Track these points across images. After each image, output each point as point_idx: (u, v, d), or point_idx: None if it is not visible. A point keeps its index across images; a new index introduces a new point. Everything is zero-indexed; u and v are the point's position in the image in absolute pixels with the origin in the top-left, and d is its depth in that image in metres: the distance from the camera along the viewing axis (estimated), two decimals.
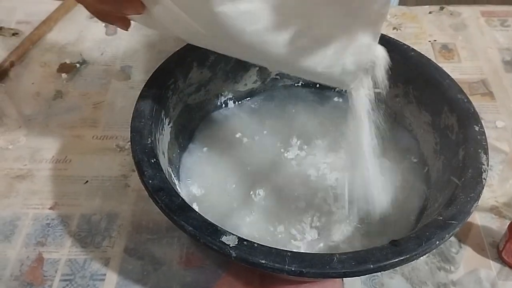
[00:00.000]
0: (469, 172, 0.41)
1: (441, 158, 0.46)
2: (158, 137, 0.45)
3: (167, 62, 0.49)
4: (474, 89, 0.63)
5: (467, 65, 0.65)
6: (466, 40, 0.68)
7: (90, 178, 0.52)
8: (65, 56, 0.64)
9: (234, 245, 0.36)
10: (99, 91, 0.61)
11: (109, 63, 0.64)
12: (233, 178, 0.50)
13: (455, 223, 0.37)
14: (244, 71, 0.55)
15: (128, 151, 0.54)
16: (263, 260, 0.35)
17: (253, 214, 0.47)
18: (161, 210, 0.38)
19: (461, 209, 0.38)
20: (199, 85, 0.52)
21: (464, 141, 0.44)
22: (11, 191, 0.51)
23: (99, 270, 0.45)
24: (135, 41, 0.67)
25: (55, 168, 0.53)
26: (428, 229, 0.37)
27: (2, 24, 0.68)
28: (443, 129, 0.47)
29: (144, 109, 0.44)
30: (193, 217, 0.37)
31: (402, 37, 0.68)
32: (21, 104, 0.59)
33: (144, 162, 0.40)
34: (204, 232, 0.36)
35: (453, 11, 0.73)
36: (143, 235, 0.48)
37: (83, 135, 0.56)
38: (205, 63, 0.51)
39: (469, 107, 0.46)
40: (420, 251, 0.36)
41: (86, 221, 0.49)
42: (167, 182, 0.40)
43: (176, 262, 0.46)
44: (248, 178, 0.50)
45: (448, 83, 0.48)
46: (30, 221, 0.48)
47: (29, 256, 0.46)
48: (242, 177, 0.50)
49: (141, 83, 0.60)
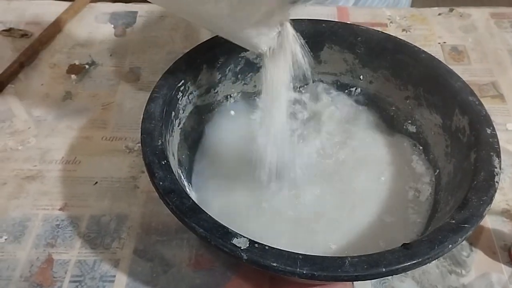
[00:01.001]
0: (481, 175, 0.41)
1: (452, 161, 0.46)
2: (168, 138, 0.45)
3: (177, 64, 0.49)
4: (484, 91, 0.62)
5: (477, 67, 0.65)
6: (476, 42, 0.68)
7: (99, 179, 0.52)
8: (74, 57, 0.64)
9: (245, 248, 0.35)
10: (108, 92, 0.61)
11: (118, 64, 0.64)
12: (242, 179, 0.50)
13: (468, 226, 0.37)
14: (254, 72, 0.55)
15: (137, 153, 0.54)
16: (274, 263, 0.35)
17: (263, 214, 0.46)
18: (172, 212, 0.38)
19: (473, 213, 0.38)
20: (208, 86, 0.52)
21: (476, 143, 0.43)
22: (21, 192, 0.51)
23: (109, 272, 0.45)
24: (144, 42, 0.67)
25: (64, 169, 0.53)
26: (441, 232, 0.37)
27: (11, 25, 0.68)
28: (454, 132, 0.47)
29: (154, 111, 0.44)
30: (203, 219, 0.37)
31: (411, 39, 0.67)
32: (30, 105, 0.59)
33: (154, 164, 0.40)
34: (215, 234, 0.36)
35: (463, 13, 0.72)
36: (153, 237, 0.47)
37: (92, 136, 0.56)
38: (214, 65, 0.51)
39: (481, 110, 0.46)
40: (432, 254, 0.36)
41: (95, 222, 0.49)
42: (177, 184, 0.40)
43: (185, 264, 0.46)
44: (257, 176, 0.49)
45: (459, 85, 0.48)
46: (40, 222, 0.49)
47: (39, 257, 0.46)
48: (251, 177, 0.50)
49: (150, 84, 0.61)
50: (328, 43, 0.54)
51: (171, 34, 0.68)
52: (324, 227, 0.46)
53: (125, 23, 0.69)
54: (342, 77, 0.56)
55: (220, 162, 0.51)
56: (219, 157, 0.51)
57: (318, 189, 0.48)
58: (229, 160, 0.51)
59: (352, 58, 0.54)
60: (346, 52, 0.54)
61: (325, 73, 0.56)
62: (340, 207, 0.47)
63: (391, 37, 0.53)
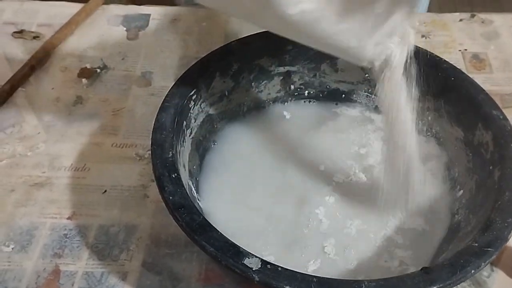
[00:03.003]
0: (506, 195, 0.39)
1: (474, 178, 0.44)
2: (179, 149, 0.43)
3: (190, 71, 0.47)
4: (507, 101, 0.60)
5: (499, 76, 0.63)
6: (498, 50, 0.66)
7: (108, 187, 0.51)
8: (86, 60, 0.63)
9: (257, 269, 0.34)
10: (119, 97, 0.59)
11: (129, 68, 0.63)
12: (255, 190, 0.48)
13: (491, 250, 0.35)
14: (268, 80, 0.53)
15: (147, 160, 0.53)
16: (287, 286, 0.33)
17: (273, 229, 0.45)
18: (181, 228, 0.37)
19: (498, 235, 0.36)
20: (221, 94, 0.50)
21: (500, 160, 0.41)
22: (29, 199, 0.50)
23: (116, 285, 0.44)
24: (156, 46, 0.65)
25: (73, 176, 0.52)
26: (463, 256, 0.35)
27: (23, 27, 0.67)
28: (476, 147, 0.45)
29: (165, 121, 0.43)
30: (214, 237, 0.36)
31: (431, 45, 0.65)
32: (40, 110, 0.58)
33: (165, 177, 0.39)
34: (226, 253, 0.35)
35: (485, 19, 0.70)
36: (162, 249, 0.46)
37: (102, 143, 0.55)
38: (228, 72, 0.50)
39: (505, 124, 0.44)
40: (454, 280, 0.34)
41: (104, 232, 0.48)
42: (188, 199, 0.38)
43: (195, 279, 0.44)
44: (270, 188, 0.48)
45: (482, 98, 0.46)
46: (48, 231, 0.48)
47: (45, 268, 0.45)
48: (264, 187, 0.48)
49: (161, 89, 0.60)
50: None
51: (185, 38, 0.66)
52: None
53: (138, 26, 0.68)
54: (359, 85, 0.54)
55: (231, 173, 0.50)
56: (229, 168, 0.50)
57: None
58: (241, 172, 0.49)
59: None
60: None
61: (341, 81, 0.54)
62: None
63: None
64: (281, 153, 0.51)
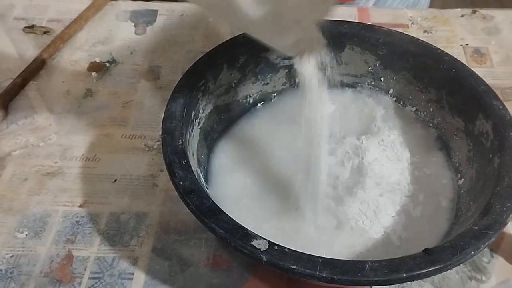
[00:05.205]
0: (505, 181, 0.40)
1: (475, 166, 0.45)
2: (188, 138, 0.45)
3: (198, 63, 0.49)
4: (507, 95, 0.61)
5: (500, 70, 0.64)
6: (499, 45, 0.67)
7: (118, 177, 0.52)
8: (95, 54, 0.65)
9: (265, 250, 0.35)
10: (128, 90, 0.61)
11: (138, 62, 0.64)
12: (260, 179, 0.50)
13: (490, 233, 0.37)
14: (274, 73, 0.55)
15: (156, 151, 0.55)
16: (294, 266, 0.35)
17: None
18: (191, 212, 0.38)
19: (496, 219, 0.37)
20: (228, 86, 0.52)
21: (500, 148, 0.43)
22: (42, 188, 0.51)
23: (127, 269, 0.46)
24: (164, 41, 0.67)
25: (84, 166, 0.53)
26: (463, 238, 0.36)
27: (34, 22, 0.69)
28: (477, 136, 0.46)
29: (175, 110, 0.44)
30: (223, 220, 0.37)
31: (433, 40, 0.66)
32: (52, 102, 0.59)
33: (175, 164, 0.40)
34: (235, 235, 0.36)
35: (486, 14, 0.71)
36: (171, 236, 0.48)
37: (112, 134, 0.56)
38: (235, 65, 0.51)
39: (505, 114, 0.45)
40: (454, 261, 0.35)
41: (114, 219, 0.49)
42: (197, 184, 0.40)
43: (203, 264, 0.46)
44: (274, 178, 0.50)
45: (483, 89, 0.47)
46: (60, 219, 0.49)
47: (58, 253, 0.46)
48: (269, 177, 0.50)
49: (169, 83, 0.61)
50: (350, 44, 0.53)
51: (191, 33, 0.68)
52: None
53: (146, 21, 0.69)
54: (362, 78, 0.55)
55: (239, 162, 0.51)
56: (238, 156, 0.51)
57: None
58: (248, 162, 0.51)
59: (373, 59, 0.53)
60: (367, 53, 0.53)
61: (345, 74, 0.56)
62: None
63: (413, 39, 0.52)
64: (286, 145, 0.53)
